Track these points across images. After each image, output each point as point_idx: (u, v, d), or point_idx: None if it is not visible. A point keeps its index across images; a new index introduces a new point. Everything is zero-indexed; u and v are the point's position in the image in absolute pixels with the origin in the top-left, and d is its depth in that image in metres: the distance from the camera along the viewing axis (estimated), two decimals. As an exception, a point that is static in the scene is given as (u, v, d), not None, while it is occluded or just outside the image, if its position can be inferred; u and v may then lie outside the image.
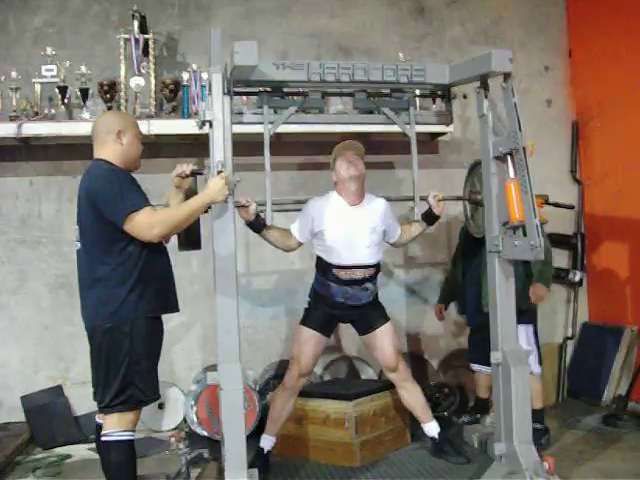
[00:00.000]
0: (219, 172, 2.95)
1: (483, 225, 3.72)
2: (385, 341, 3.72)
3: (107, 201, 2.76)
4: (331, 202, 3.66)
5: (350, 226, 3.60)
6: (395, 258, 5.21)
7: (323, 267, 3.68)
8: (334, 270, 3.62)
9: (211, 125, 3.10)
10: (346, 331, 4.39)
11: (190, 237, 3.24)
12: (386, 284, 5.01)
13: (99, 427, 2.97)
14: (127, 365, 2.81)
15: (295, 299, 4.87)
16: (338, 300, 3.66)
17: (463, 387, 4.92)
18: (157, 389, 2.96)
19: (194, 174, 3.16)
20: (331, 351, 5.00)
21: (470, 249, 4.30)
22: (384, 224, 3.72)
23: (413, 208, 3.56)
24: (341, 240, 3.59)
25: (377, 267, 3.72)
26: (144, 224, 2.74)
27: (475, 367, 4.42)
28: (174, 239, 3.28)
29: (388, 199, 3.82)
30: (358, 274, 3.62)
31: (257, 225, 3.52)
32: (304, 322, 3.73)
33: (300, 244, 3.71)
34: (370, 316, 3.75)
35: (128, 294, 2.81)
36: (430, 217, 3.78)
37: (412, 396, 3.74)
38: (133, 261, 2.83)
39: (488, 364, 4.22)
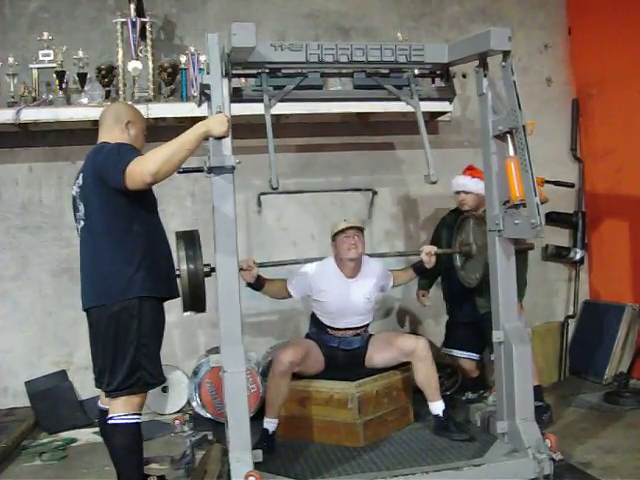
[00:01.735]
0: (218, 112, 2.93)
1: (474, 276, 3.91)
2: (388, 339, 3.92)
3: (109, 168, 2.73)
4: (329, 272, 3.90)
5: (345, 298, 3.86)
6: (395, 240, 5.22)
7: (317, 322, 3.96)
8: (328, 328, 3.91)
9: (209, 98, 3.08)
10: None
11: (194, 300, 3.18)
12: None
13: (103, 412, 2.99)
14: (135, 348, 2.81)
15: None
16: (331, 344, 3.91)
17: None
18: (162, 372, 2.98)
19: (194, 171, 3.14)
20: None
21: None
22: (379, 286, 4.01)
23: (429, 175, 3.50)
24: (336, 310, 3.87)
25: (369, 322, 4.01)
26: (136, 167, 2.65)
27: (449, 351, 4.44)
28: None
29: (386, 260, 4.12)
30: (350, 332, 3.92)
31: (257, 286, 3.79)
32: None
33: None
34: (362, 347, 3.96)
35: (135, 272, 2.80)
36: (421, 269, 4.02)
37: (429, 373, 3.77)
38: (139, 241, 2.83)
39: (465, 350, 4.37)
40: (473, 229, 3.91)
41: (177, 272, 3.09)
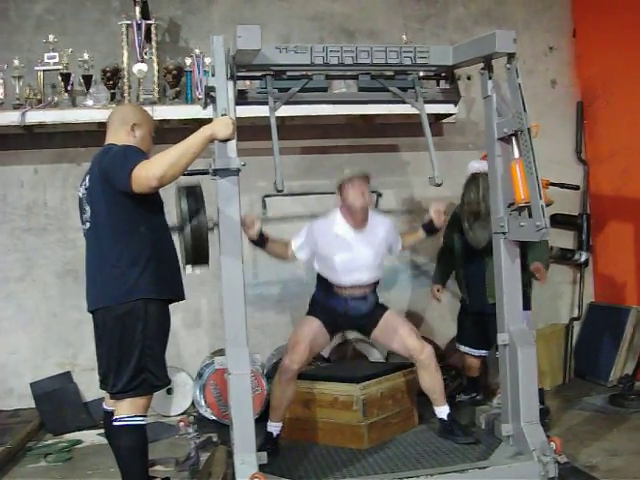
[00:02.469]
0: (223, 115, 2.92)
1: (482, 236, 3.83)
2: (398, 328, 3.75)
3: (115, 171, 2.74)
4: (335, 225, 3.74)
5: (353, 251, 3.70)
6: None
7: (324, 283, 3.79)
8: (335, 288, 3.74)
9: (214, 100, 3.09)
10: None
11: (197, 251, 3.15)
12: (391, 267, 5.02)
13: (108, 413, 3.00)
14: (140, 349, 2.82)
15: (301, 282, 4.89)
16: (339, 310, 3.75)
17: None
18: (167, 374, 2.99)
19: (199, 173, 3.13)
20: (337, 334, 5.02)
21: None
22: (387, 243, 3.83)
23: (434, 177, 3.53)
24: (344, 264, 3.69)
25: (377, 281, 3.83)
26: (142, 171, 2.66)
27: (462, 348, 4.49)
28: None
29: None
30: (358, 291, 3.74)
31: (261, 243, 3.64)
32: (308, 313, 3.83)
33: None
34: (371, 314, 3.80)
35: (140, 274, 2.81)
36: (431, 228, 3.87)
37: (433, 379, 3.71)
38: (145, 243, 2.84)
39: (477, 347, 4.40)
40: (482, 188, 3.83)
41: (180, 225, 3.06)
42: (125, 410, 2.84)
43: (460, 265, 4.43)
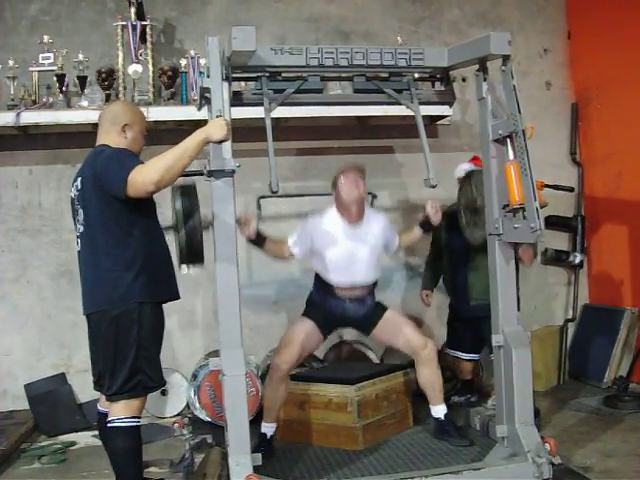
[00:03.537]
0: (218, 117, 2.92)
1: (480, 232, 3.77)
2: (400, 325, 3.73)
3: (109, 176, 2.73)
4: (331, 221, 3.69)
5: (350, 246, 3.64)
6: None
7: (322, 283, 3.73)
8: (332, 288, 3.68)
9: (209, 101, 3.09)
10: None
11: (192, 251, 3.12)
12: (386, 268, 5.00)
13: (102, 415, 2.99)
14: (136, 351, 2.81)
15: (296, 284, 4.89)
16: (336, 311, 3.71)
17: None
18: (162, 375, 2.98)
19: (194, 174, 3.13)
20: (333, 335, 5.01)
21: (456, 239, 4.35)
22: (384, 239, 3.78)
23: (429, 179, 3.54)
24: (341, 260, 3.63)
25: (375, 282, 3.78)
26: (138, 176, 2.65)
27: (452, 353, 4.53)
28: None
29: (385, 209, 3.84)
30: (357, 292, 3.68)
31: (258, 241, 3.60)
32: (303, 314, 3.79)
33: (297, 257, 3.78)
34: (369, 314, 3.76)
35: (135, 278, 2.81)
36: (427, 225, 3.83)
37: (432, 375, 3.69)
38: (139, 246, 2.83)
39: (466, 351, 4.45)
40: (476, 184, 3.81)
41: (174, 225, 3.06)
42: (120, 411, 2.83)
43: (447, 267, 4.45)
